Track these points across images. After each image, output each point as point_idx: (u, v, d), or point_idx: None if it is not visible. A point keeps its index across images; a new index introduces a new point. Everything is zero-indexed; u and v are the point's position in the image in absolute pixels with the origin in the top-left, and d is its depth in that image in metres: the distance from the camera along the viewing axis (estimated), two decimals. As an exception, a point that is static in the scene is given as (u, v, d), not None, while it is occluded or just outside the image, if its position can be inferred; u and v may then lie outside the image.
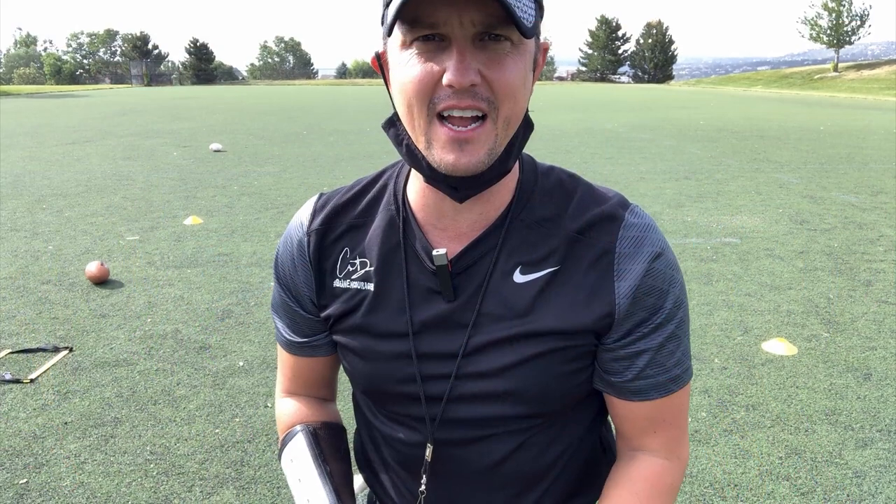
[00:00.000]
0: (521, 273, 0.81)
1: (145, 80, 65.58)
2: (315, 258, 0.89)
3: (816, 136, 15.42)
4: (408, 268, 0.84)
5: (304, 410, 1.03)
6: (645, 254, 0.80)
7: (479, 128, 0.72)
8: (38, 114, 23.26)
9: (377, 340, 0.87)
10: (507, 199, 0.83)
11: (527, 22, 0.68)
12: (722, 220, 7.18)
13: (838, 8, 53.70)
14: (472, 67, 0.69)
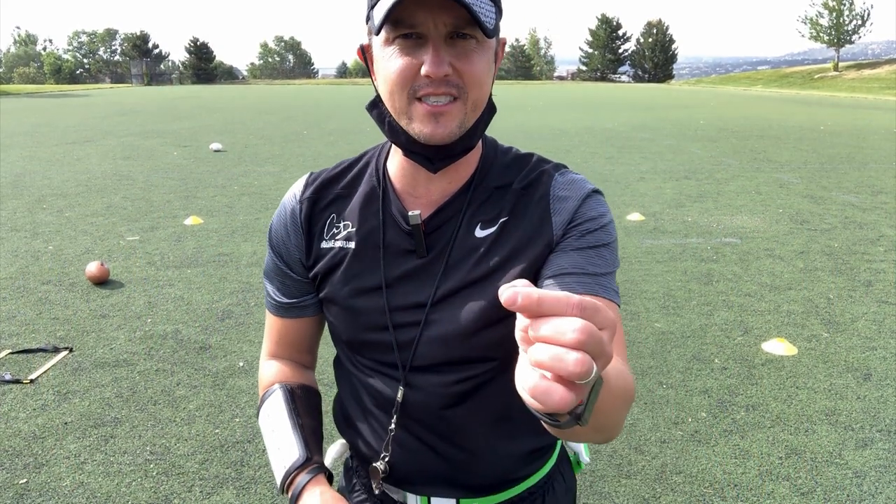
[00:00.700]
0: (480, 228, 0.95)
1: (145, 79, 65.58)
2: (306, 223, 1.02)
3: (817, 136, 15.41)
4: (385, 230, 0.97)
5: (285, 371, 1.13)
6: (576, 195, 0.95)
7: (452, 104, 0.86)
8: (37, 113, 23.25)
9: (356, 293, 0.98)
10: (472, 171, 0.98)
11: (489, 24, 0.81)
12: (722, 219, 7.18)
13: (839, 7, 53.67)
14: (445, 60, 0.83)
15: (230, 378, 3.59)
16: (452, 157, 0.91)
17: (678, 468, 2.81)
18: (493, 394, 0.97)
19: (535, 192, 0.96)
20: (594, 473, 2.77)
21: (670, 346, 4.00)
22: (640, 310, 4.58)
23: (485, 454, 1.00)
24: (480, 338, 0.93)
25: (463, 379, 0.96)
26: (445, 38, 0.83)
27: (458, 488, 1.01)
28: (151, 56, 74.77)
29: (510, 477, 1.03)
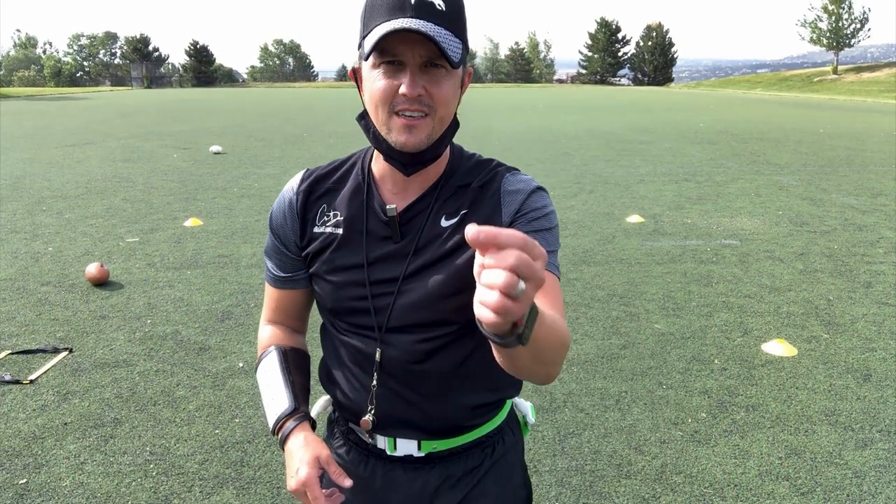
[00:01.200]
0: (445, 219, 1.14)
1: (145, 82, 65.62)
2: (301, 211, 1.22)
3: (816, 139, 15.43)
4: (367, 219, 1.17)
5: (280, 335, 1.33)
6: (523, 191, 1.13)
7: (422, 120, 1.05)
8: (38, 116, 23.27)
9: (342, 270, 1.18)
10: (440, 173, 1.17)
11: (454, 58, 1.01)
12: (722, 222, 7.18)
13: (838, 10, 53.76)
14: (419, 84, 1.03)
15: (230, 379, 3.59)
16: (423, 163, 1.11)
17: (678, 468, 2.81)
18: (453, 353, 1.16)
19: (490, 188, 1.15)
20: (594, 474, 2.77)
21: (670, 347, 4.00)
22: (640, 311, 4.58)
23: (443, 403, 1.19)
24: (443, 304, 1.13)
25: (429, 338, 1.15)
26: (420, 66, 1.03)
27: (420, 431, 1.20)
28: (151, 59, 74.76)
29: (464, 424, 1.23)
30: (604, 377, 3.62)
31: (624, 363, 3.79)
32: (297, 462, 1.13)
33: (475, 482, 1.25)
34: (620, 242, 6.33)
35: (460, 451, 1.24)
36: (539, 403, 3.33)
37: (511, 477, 1.30)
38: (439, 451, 1.23)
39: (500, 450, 1.29)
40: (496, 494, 1.26)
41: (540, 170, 10.64)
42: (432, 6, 1.00)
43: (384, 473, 1.25)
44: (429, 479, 1.24)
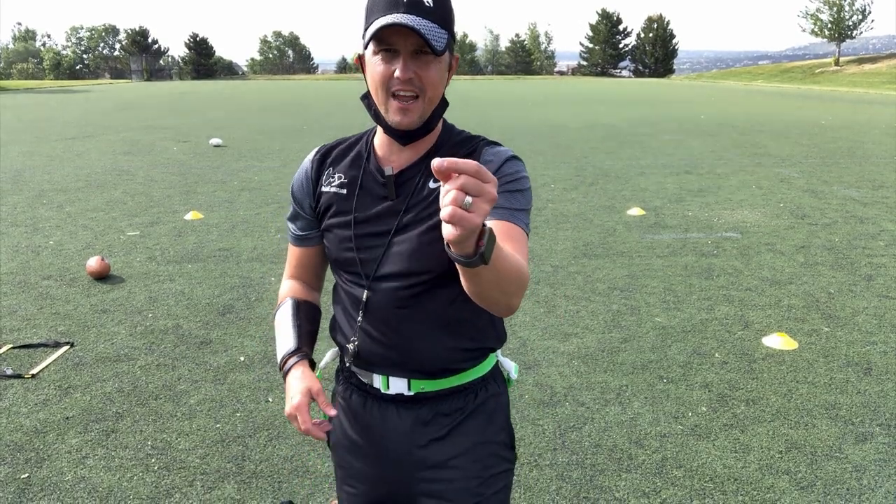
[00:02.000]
0: (433, 182, 1.30)
1: (145, 75, 65.44)
2: (314, 176, 1.42)
3: (817, 131, 15.39)
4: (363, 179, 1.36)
5: (297, 289, 1.52)
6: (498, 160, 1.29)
7: (414, 103, 1.23)
8: (37, 109, 23.23)
9: (342, 226, 1.36)
10: (431, 144, 1.34)
11: (438, 48, 1.18)
12: (723, 214, 7.17)
13: (839, 2, 53.50)
14: (411, 68, 1.20)
15: (231, 373, 3.60)
16: (416, 137, 1.30)
17: (678, 462, 2.82)
18: (434, 299, 1.32)
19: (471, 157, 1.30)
20: (594, 468, 2.78)
21: (671, 341, 4.00)
22: (641, 304, 4.58)
23: (428, 345, 1.34)
24: (427, 253, 1.28)
25: (412, 285, 1.31)
26: (411, 53, 1.20)
27: (410, 371, 1.36)
28: (151, 52, 74.51)
29: (450, 367, 1.37)
30: (604, 371, 3.62)
31: (624, 357, 3.79)
32: (293, 392, 1.31)
33: (458, 421, 1.40)
34: (621, 235, 6.33)
35: (447, 394, 1.39)
36: (539, 398, 3.34)
37: (493, 420, 1.45)
38: (427, 391, 1.38)
39: (483, 396, 1.43)
40: (477, 432, 1.41)
41: (540, 162, 10.62)
42: (421, 3, 1.18)
43: (380, 411, 1.42)
44: (418, 417, 1.39)
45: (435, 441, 1.39)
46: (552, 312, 4.44)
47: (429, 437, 1.39)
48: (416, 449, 1.40)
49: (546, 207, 7.43)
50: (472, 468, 1.40)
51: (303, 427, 1.27)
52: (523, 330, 4.15)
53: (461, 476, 1.39)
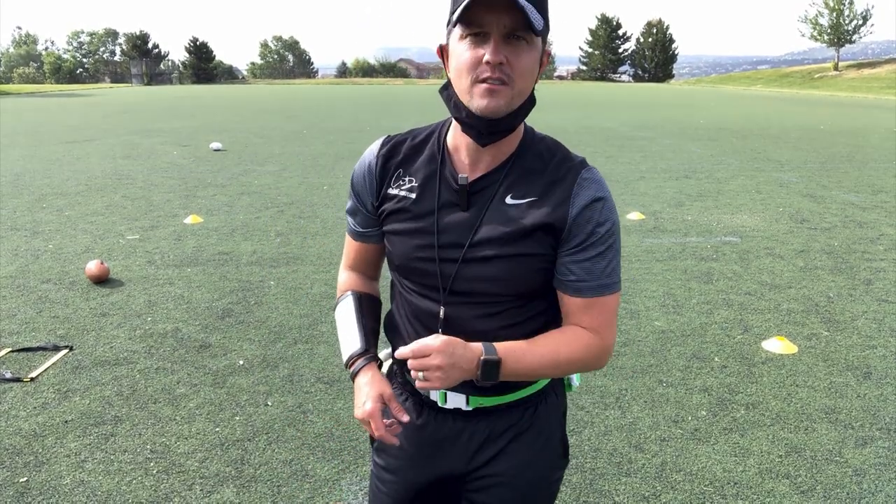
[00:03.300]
0: (511, 198, 1.24)
1: (145, 79, 65.52)
2: (379, 173, 1.33)
3: (817, 135, 15.42)
4: (440, 187, 1.27)
5: (357, 281, 1.48)
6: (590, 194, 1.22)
7: (503, 87, 1.13)
8: (38, 113, 23.25)
9: (412, 232, 1.28)
10: (512, 150, 1.25)
11: (537, 27, 1.09)
12: (722, 218, 7.18)
13: (839, 6, 53.62)
14: (502, 52, 1.11)
15: (230, 376, 3.60)
16: (498, 133, 1.19)
17: (678, 466, 2.81)
18: (504, 320, 1.27)
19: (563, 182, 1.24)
20: (594, 472, 2.77)
21: (670, 345, 4.00)
22: (640, 308, 4.58)
23: None
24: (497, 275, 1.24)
25: (485, 303, 1.27)
26: (503, 36, 1.11)
27: (470, 387, 1.29)
28: (151, 56, 74.60)
29: (508, 384, 1.32)
30: (604, 375, 3.62)
31: (624, 361, 3.79)
32: (364, 396, 1.27)
33: (515, 435, 1.37)
34: (621, 239, 6.32)
35: (505, 408, 1.35)
36: (539, 401, 3.33)
37: (551, 435, 1.41)
38: (485, 406, 1.34)
39: (543, 410, 1.39)
40: (534, 446, 1.38)
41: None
42: None
43: (436, 423, 1.38)
44: (475, 432, 1.36)
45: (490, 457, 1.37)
46: (552, 316, 4.44)
47: (484, 451, 1.36)
48: (469, 461, 1.37)
49: (546, 211, 7.42)
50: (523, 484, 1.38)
51: (377, 434, 1.25)
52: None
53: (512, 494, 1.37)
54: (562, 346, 1.24)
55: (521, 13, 1.07)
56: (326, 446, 2.94)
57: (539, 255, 1.23)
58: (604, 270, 1.23)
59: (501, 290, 1.25)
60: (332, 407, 3.27)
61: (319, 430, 3.07)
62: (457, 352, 1.16)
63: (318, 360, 3.79)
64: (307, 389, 3.45)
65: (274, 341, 4.03)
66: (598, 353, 1.25)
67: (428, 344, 1.14)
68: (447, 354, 1.14)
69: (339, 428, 3.08)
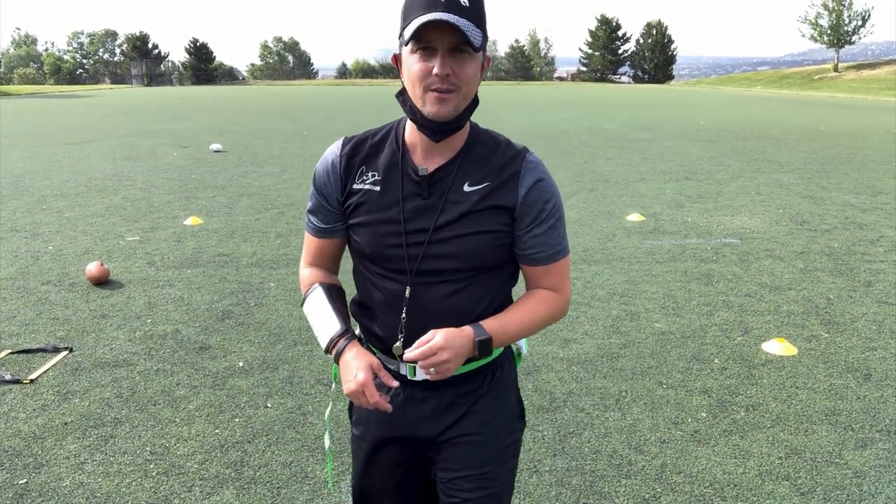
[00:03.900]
0: (468, 185, 1.40)
1: (145, 80, 65.53)
2: (343, 171, 1.45)
3: (816, 137, 15.42)
4: (403, 179, 1.41)
5: (320, 275, 1.58)
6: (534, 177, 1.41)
7: (450, 95, 1.29)
8: (38, 114, 23.26)
9: (380, 222, 1.41)
10: (461, 144, 1.42)
11: (476, 44, 1.26)
12: (722, 220, 7.18)
13: (838, 7, 53.63)
14: (448, 65, 1.28)
15: (230, 378, 3.59)
16: (449, 131, 1.35)
17: (678, 468, 2.81)
18: (466, 296, 1.43)
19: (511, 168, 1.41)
20: (594, 474, 2.77)
21: (670, 347, 4.00)
22: (640, 310, 4.58)
23: None
24: (462, 255, 1.39)
25: (449, 281, 1.41)
26: (448, 51, 1.27)
27: None
28: (151, 57, 74.59)
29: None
30: (604, 376, 3.62)
31: (624, 362, 3.79)
32: (355, 369, 1.38)
33: (475, 400, 1.52)
34: (620, 241, 6.33)
35: (467, 376, 1.50)
36: (539, 403, 3.33)
37: (507, 397, 1.58)
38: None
39: (499, 375, 1.55)
40: (494, 409, 1.55)
41: (540, 168, 10.62)
42: (458, 3, 1.25)
43: (406, 394, 1.51)
44: (441, 398, 1.51)
45: (456, 419, 1.52)
46: (552, 318, 4.43)
47: (450, 416, 1.51)
48: (437, 425, 1.52)
49: (545, 213, 7.42)
50: (487, 441, 1.53)
51: (372, 400, 1.36)
52: (523, 335, 4.15)
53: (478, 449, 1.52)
54: (533, 308, 1.45)
55: (462, 33, 1.24)
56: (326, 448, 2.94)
57: (496, 231, 1.40)
58: (555, 240, 1.44)
59: (464, 265, 1.40)
60: (331, 409, 3.27)
61: (319, 431, 3.07)
62: (456, 342, 1.33)
63: (318, 362, 3.79)
64: (307, 391, 3.45)
65: (274, 343, 4.03)
66: (561, 305, 1.49)
67: (432, 345, 1.30)
68: (450, 348, 1.31)
69: (339, 430, 3.08)
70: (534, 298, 1.47)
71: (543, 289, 1.48)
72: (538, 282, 1.48)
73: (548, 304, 1.47)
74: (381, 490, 1.62)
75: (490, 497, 1.52)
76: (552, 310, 1.48)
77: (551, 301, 1.48)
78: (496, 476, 1.53)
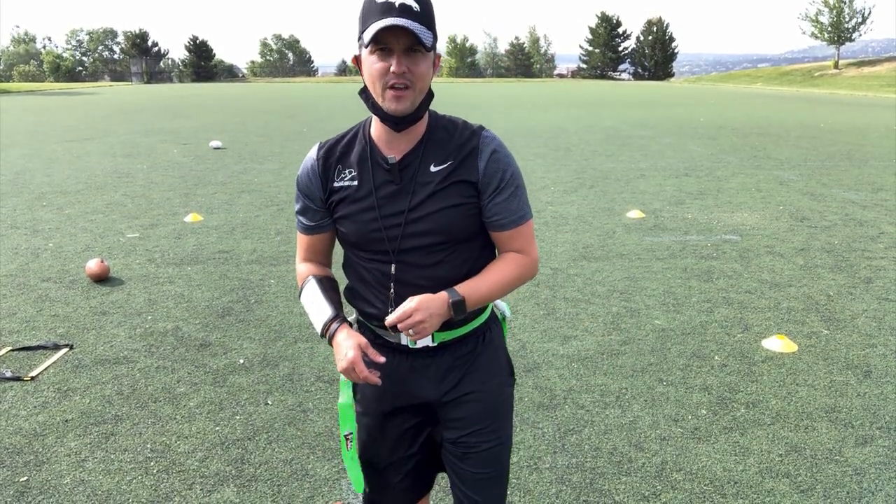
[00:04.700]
0: (433, 166, 1.53)
1: (145, 77, 65.48)
2: (322, 173, 1.60)
3: (817, 134, 15.41)
4: (374, 171, 1.55)
5: (314, 269, 1.72)
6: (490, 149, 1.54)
7: (406, 91, 1.43)
8: (38, 111, 23.24)
9: (361, 211, 1.55)
10: (423, 130, 1.55)
11: (427, 44, 1.40)
12: (722, 217, 7.17)
13: (839, 4, 53.55)
14: (403, 64, 1.41)
15: (230, 375, 3.59)
16: (409, 122, 1.49)
17: (678, 465, 2.81)
18: (448, 264, 1.56)
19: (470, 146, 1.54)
20: (594, 471, 2.77)
21: (670, 344, 4.00)
22: (640, 307, 4.58)
23: None
24: (438, 228, 1.52)
25: (430, 253, 1.54)
26: (403, 51, 1.41)
27: None
28: (151, 54, 74.51)
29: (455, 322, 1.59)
30: (604, 374, 3.62)
31: (624, 359, 3.79)
32: (345, 349, 1.49)
33: (472, 361, 1.66)
34: (621, 238, 6.33)
35: (462, 339, 1.64)
36: (539, 400, 3.33)
37: (497, 355, 1.73)
38: (447, 340, 1.61)
39: (489, 337, 1.70)
40: (489, 368, 1.69)
41: (540, 165, 10.62)
42: (410, 8, 1.39)
43: (408, 363, 1.64)
44: (441, 363, 1.64)
45: (456, 381, 1.65)
46: (552, 315, 4.44)
47: (450, 378, 1.64)
48: (439, 388, 1.65)
49: (546, 210, 7.42)
50: (486, 397, 1.67)
51: (361, 375, 1.48)
52: (523, 332, 4.15)
53: (479, 405, 1.66)
54: (502, 269, 1.58)
55: (415, 35, 1.37)
56: (327, 445, 2.94)
57: (463, 204, 1.53)
58: (516, 206, 1.56)
59: (440, 239, 1.52)
60: (332, 406, 3.27)
61: (320, 429, 3.07)
62: (431, 304, 1.46)
63: (318, 358, 3.79)
64: (307, 388, 3.45)
65: (274, 340, 4.03)
66: (529, 265, 1.61)
67: (406, 308, 1.43)
68: (424, 309, 1.44)
69: (339, 429, 3.08)
70: (503, 261, 1.60)
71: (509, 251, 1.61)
72: (506, 246, 1.61)
73: (516, 265, 1.59)
74: (390, 462, 1.73)
75: (493, 449, 1.67)
76: (520, 270, 1.60)
77: (519, 262, 1.60)
78: (497, 429, 1.68)
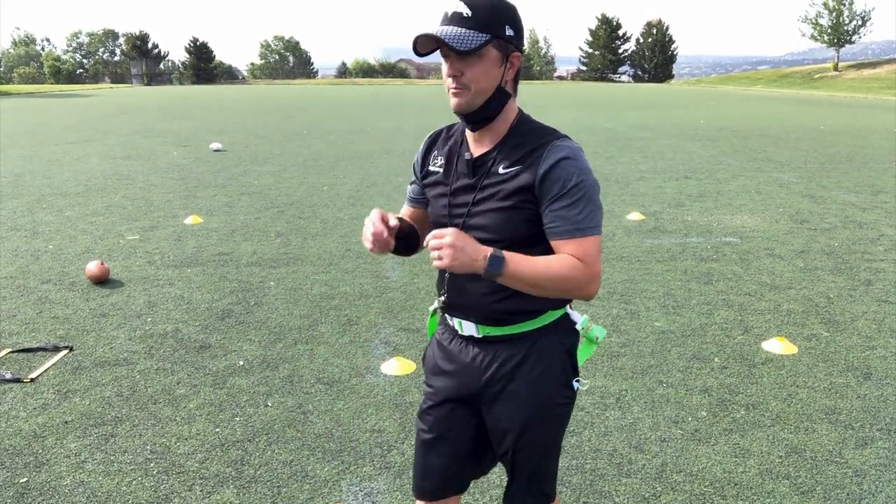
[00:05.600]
0: (503, 168, 1.61)
1: (145, 79, 65.52)
2: (423, 155, 1.80)
3: (817, 136, 15.42)
4: (456, 163, 1.70)
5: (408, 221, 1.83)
6: (557, 156, 1.54)
7: (462, 91, 1.53)
8: (38, 113, 23.26)
9: (438, 196, 1.73)
10: (505, 132, 1.63)
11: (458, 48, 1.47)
12: (722, 219, 7.18)
13: (839, 7, 53.61)
14: (455, 67, 1.52)
15: (230, 377, 3.59)
16: (478, 121, 1.60)
17: (678, 467, 2.81)
18: None
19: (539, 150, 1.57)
20: (594, 473, 2.77)
21: (670, 345, 4.00)
22: (640, 309, 4.58)
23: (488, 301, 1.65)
24: (492, 227, 1.60)
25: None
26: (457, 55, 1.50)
27: (477, 318, 1.69)
28: (151, 56, 74.54)
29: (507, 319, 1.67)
30: (604, 375, 3.62)
31: (624, 361, 3.79)
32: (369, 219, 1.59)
33: (517, 362, 1.69)
34: (620, 240, 6.33)
35: (509, 339, 1.69)
36: (539, 402, 3.33)
37: (551, 365, 1.71)
38: (492, 335, 1.69)
39: (543, 343, 1.69)
40: (534, 373, 1.70)
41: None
42: (460, 15, 1.49)
43: (459, 347, 1.77)
44: (486, 355, 1.71)
45: (498, 375, 1.70)
46: (552, 317, 4.43)
47: (492, 371, 1.70)
48: (481, 378, 1.72)
49: (546, 212, 7.42)
50: (527, 395, 1.70)
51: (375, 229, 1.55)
52: (523, 334, 4.15)
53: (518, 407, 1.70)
54: (553, 262, 1.54)
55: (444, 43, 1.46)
56: (326, 447, 2.94)
57: (522, 208, 1.58)
58: (577, 216, 1.54)
59: (495, 237, 1.58)
60: (332, 408, 3.27)
61: (319, 430, 3.07)
62: (467, 242, 1.47)
63: (318, 360, 3.79)
64: (307, 390, 3.45)
65: (274, 342, 4.03)
66: (585, 275, 1.54)
67: (443, 231, 1.47)
68: (458, 238, 1.45)
69: (340, 429, 3.08)
70: (558, 256, 1.57)
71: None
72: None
73: (569, 265, 1.53)
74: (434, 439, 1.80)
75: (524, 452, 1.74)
76: (572, 272, 1.53)
77: (573, 263, 1.54)
78: (537, 437, 1.74)
